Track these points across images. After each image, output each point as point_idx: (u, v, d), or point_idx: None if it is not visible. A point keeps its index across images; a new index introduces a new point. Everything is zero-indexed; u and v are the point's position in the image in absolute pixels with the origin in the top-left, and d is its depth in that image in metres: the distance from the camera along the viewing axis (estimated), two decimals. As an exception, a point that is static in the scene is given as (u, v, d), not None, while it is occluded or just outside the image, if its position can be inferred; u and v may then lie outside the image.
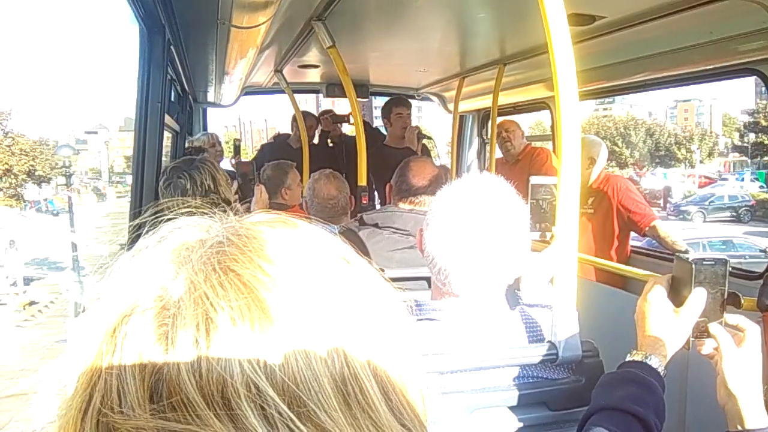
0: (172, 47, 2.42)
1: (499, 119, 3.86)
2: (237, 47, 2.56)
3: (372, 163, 3.12)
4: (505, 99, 3.76)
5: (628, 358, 1.02)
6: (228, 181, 2.33)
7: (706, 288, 1.01)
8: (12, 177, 33.67)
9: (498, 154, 3.97)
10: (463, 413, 1.07)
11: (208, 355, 0.33)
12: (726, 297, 1.03)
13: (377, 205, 3.54)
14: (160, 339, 0.34)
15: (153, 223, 0.43)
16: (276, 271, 0.37)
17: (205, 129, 4.77)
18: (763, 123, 42.56)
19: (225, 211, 0.43)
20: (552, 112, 3.72)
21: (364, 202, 2.88)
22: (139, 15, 2.02)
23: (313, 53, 3.39)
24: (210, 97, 4.51)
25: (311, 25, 2.55)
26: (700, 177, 39.58)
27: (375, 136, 4.35)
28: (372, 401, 0.36)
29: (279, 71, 3.86)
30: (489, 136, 4.08)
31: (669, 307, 1.03)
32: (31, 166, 34.42)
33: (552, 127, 3.82)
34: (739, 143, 50.06)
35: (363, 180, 2.96)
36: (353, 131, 3.45)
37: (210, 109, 4.93)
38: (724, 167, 45.45)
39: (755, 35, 1.99)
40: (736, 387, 0.95)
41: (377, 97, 5.04)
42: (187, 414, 0.32)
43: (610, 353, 1.21)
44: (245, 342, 0.34)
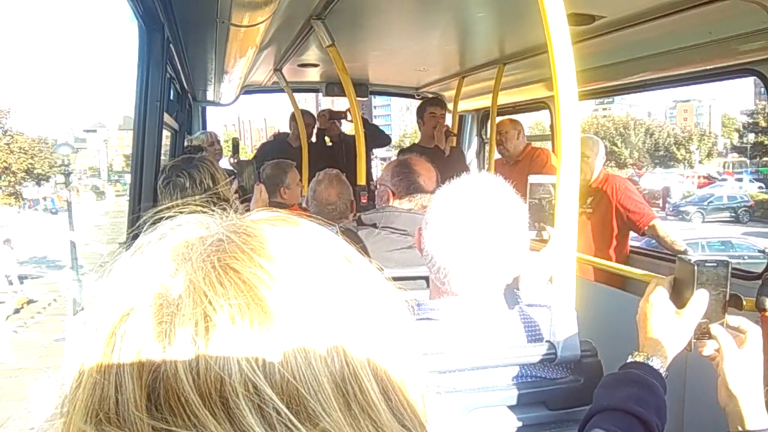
0: (171, 45, 2.42)
1: (499, 119, 3.86)
2: (236, 46, 2.56)
3: None
4: (505, 99, 3.76)
5: (629, 359, 1.02)
6: (227, 180, 2.33)
7: (708, 289, 1.01)
8: (11, 175, 33.62)
9: (497, 154, 3.97)
10: (462, 413, 1.07)
11: (206, 354, 0.33)
12: (728, 298, 1.03)
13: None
14: (158, 337, 0.34)
15: (152, 223, 0.43)
16: (276, 270, 0.37)
17: (204, 128, 4.77)
18: (763, 123, 42.61)
19: (224, 209, 0.42)
20: (551, 111, 3.71)
21: (363, 201, 2.88)
22: (139, 13, 2.01)
23: (313, 52, 3.38)
24: (209, 96, 4.51)
25: (311, 24, 2.55)
26: (699, 177, 39.56)
27: (374, 134, 4.35)
28: (372, 401, 0.35)
29: (278, 70, 3.86)
30: (488, 135, 4.08)
31: (671, 309, 1.03)
32: (30, 164, 34.37)
33: (551, 127, 3.83)
34: (738, 144, 50.11)
35: (362, 179, 2.96)
36: (352, 130, 3.45)
37: (209, 108, 4.92)
38: (723, 168, 45.45)
39: (755, 35, 2.00)
40: (737, 388, 0.95)
41: (376, 96, 5.04)
42: (184, 413, 0.32)
43: (608, 353, 1.21)
44: (244, 341, 0.33)
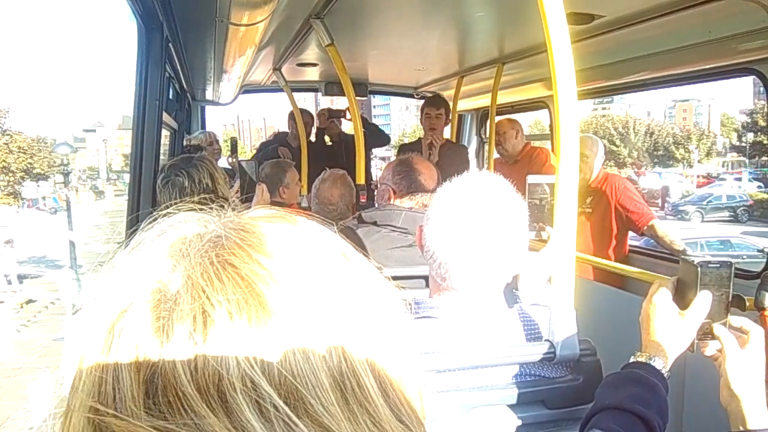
0: (170, 45, 2.42)
1: (498, 118, 3.86)
2: (235, 45, 2.56)
3: None
4: (504, 98, 3.76)
5: (632, 359, 1.02)
6: (226, 180, 2.33)
7: (711, 290, 1.01)
8: (10, 175, 33.61)
9: (497, 153, 3.97)
10: (461, 411, 1.07)
11: (203, 349, 0.33)
12: (731, 299, 1.03)
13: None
14: (156, 332, 0.34)
15: (151, 222, 0.43)
16: (274, 266, 0.37)
17: (204, 127, 4.77)
18: (762, 123, 42.63)
19: (222, 207, 0.42)
20: (550, 111, 3.71)
21: (362, 200, 2.88)
22: (137, 12, 2.01)
23: (312, 51, 3.38)
24: (208, 95, 4.50)
25: (310, 23, 2.55)
26: (697, 176, 39.58)
27: (373, 133, 4.34)
28: (370, 396, 0.35)
29: (278, 69, 3.86)
30: (487, 135, 4.08)
31: (674, 310, 1.03)
32: (29, 163, 34.37)
33: (550, 127, 3.82)
34: (737, 143, 50.12)
35: (361, 178, 2.96)
36: (352, 129, 3.45)
37: (208, 108, 4.92)
38: (722, 167, 45.47)
39: (754, 34, 2.00)
40: (739, 388, 0.95)
41: (376, 96, 5.04)
42: (182, 408, 0.32)
43: (607, 352, 1.21)
44: (242, 336, 0.33)
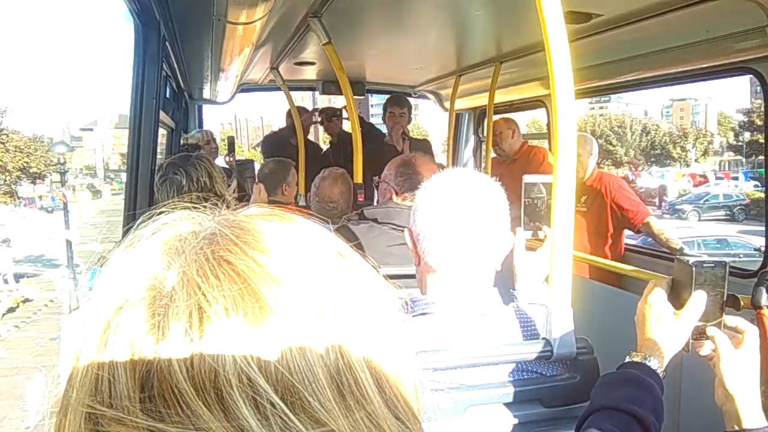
0: (167, 43, 2.41)
1: (496, 117, 3.86)
2: (232, 44, 2.55)
3: (371, 160, 3.12)
4: (502, 97, 3.76)
5: (627, 359, 1.02)
6: (224, 178, 2.33)
7: (706, 290, 1.02)
8: (6, 174, 33.53)
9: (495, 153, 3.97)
10: (458, 410, 1.07)
11: (200, 346, 0.33)
12: (725, 299, 1.03)
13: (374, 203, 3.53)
14: (152, 329, 0.34)
15: (146, 221, 0.43)
16: (270, 263, 0.37)
17: (201, 126, 4.76)
18: (758, 122, 42.69)
19: (217, 205, 0.43)
20: (548, 110, 3.71)
21: (360, 199, 2.88)
22: (134, 11, 2.01)
23: (309, 50, 3.38)
24: (205, 94, 4.49)
25: (307, 22, 2.54)
26: (692, 175, 39.65)
27: (371, 132, 4.34)
28: (366, 393, 0.35)
29: (275, 68, 3.85)
30: (485, 134, 4.08)
31: (669, 310, 1.03)
32: (26, 162, 34.28)
33: (548, 125, 3.82)
34: (734, 142, 50.22)
35: (359, 177, 2.96)
36: (349, 128, 3.44)
37: (206, 106, 4.91)
38: (719, 167, 45.57)
39: (751, 34, 2.00)
40: (734, 388, 0.96)
41: (373, 95, 5.03)
42: (178, 405, 0.32)
43: (604, 350, 1.22)
44: (238, 333, 0.33)
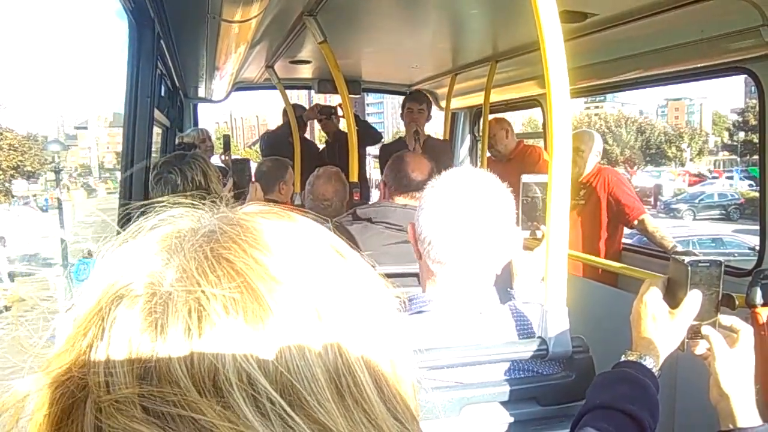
0: (162, 41, 2.40)
1: (492, 116, 3.86)
2: (228, 42, 2.54)
3: (384, 158, 3.11)
4: (497, 96, 3.76)
5: (623, 358, 1.03)
6: (219, 177, 2.32)
7: (701, 289, 1.02)
8: (0, 173, 33.39)
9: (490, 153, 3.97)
10: (453, 408, 1.07)
11: (199, 344, 0.33)
12: (720, 298, 1.03)
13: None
14: (149, 327, 0.34)
15: (140, 215, 0.42)
16: (270, 261, 0.36)
17: (196, 125, 4.74)
18: (753, 122, 42.92)
19: (215, 202, 0.42)
20: (544, 109, 3.72)
21: (355, 198, 2.88)
22: (128, 9, 1.99)
23: (305, 49, 3.37)
24: (201, 93, 4.48)
25: (303, 20, 2.54)
26: (686, 173, 39.81)
27: (364, 130, 4.33)
28: (365, 393, 0.35)
29: (270, 67, 3.84)
30: (481, 133, 4.08)
31: (664, 309, 1.03)
32: (20, 161, 34.15)
33: (543, 125, 3.83)
34: (729, 142, 50.45)
35: (355, 176, 2.96)
36: (345, 127, 3.44)
37: (201, 105, 4.89)
38: (714, 166, 45.76)
39: (746, 33, 2.00)
40: (728, 387, 0.96)
41: (369, 94, 5.03)
42: (178, 404, 0.32)
43: (600, 349, 1.22)
44: (237, 331, 0.33)
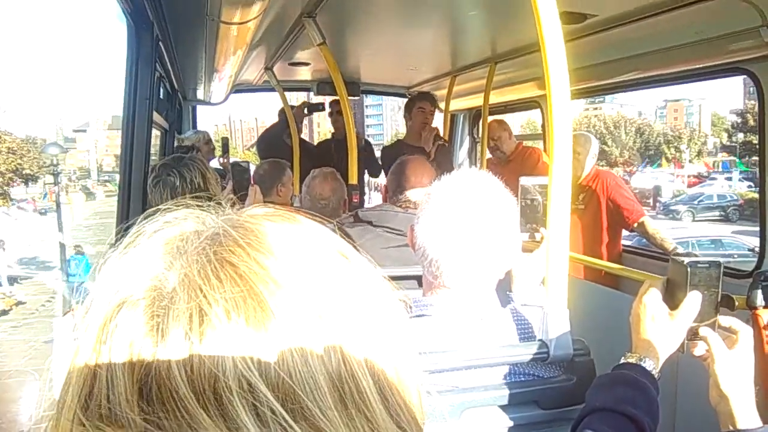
0: (160, 44, 2.40)
1: (491, 118, 3.86)
2: (226, 44, 2.54)
3: (386, 161, 3.08)
4: (497, 98, 3.76)
5: (622, 360, 1.02)
6: (217, 180, 2.32)
7: (700, 290, 1.01)
8: (-1, 176, 33.40)
9: (489, 153, 3.97)
10: (454, 412, 1.07)
11: (199, 349, 0.32)
12: (720, 299, 1.03)
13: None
14: (151, 331, 0.33)
15: (146, 219, 0.42)
16: (274, 265, 0.36)
17: (195, 127, 4.74)
18: (752, 122, 42.98)
19: (220, 205, 0.42)
20: (543, 110, 3.72)
21: (354, 200, 2.87)
22: (127, 11, 1.99)
23: (304, 50, 3.37)
24: (199, 95, 4.48)
25: (301, 22, 2.54)
26: (687, 176, 39.91)
27: (369, 158, 4.31)
28: (368, 401, 0.35)
29: (269, 69, 3.84)
30: (480, 135, 4.07)
31: (664, 310, 1.03)
32: (18, 164, 34.15)
33: (543, 126, 3.82)
34: (728, 143, 50.52)
35: (354, 178, 2.95)
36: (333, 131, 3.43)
37: (200, 107, 4.89)
38: (713, 166, 45.83)
39: (745, 34, 2.00)
40: (728, 388, 0.95)
41: (368, 96, 5.03)
42: (177, 410, 0.31)
43: (601, 351, 1.21)
44: (239, 336, 0.33)
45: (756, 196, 2.23)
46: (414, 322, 1.14)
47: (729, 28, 2.05)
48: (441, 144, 3.79)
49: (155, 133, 3.43)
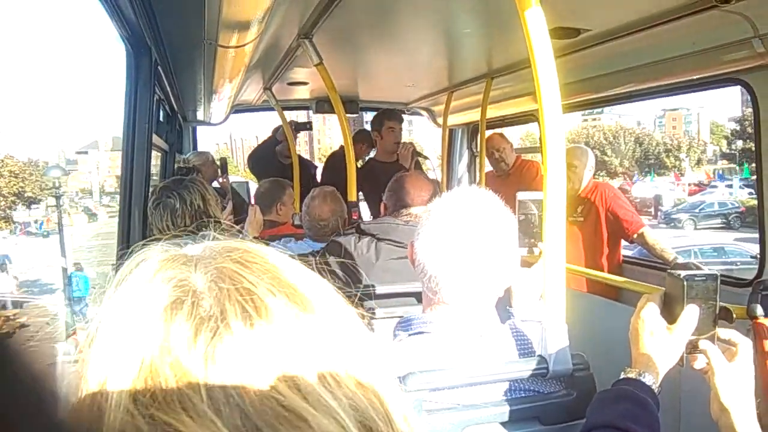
0: (159, 68, 2.42)
1: (489, 132, 3.88)
2: (225, 67, 2.57)
3: (359, 178, 3.10)
4: (494, 112, 3.78)
5: (622, 375, 1.02)
6: (218, 201, 2.33)
7: (698, 303, 1.01)
8: (1, 200, 33.47)
9: (488, 167, 3.99)
10: (455, 430, 1.06)
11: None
12: (718, 312, 1.03)
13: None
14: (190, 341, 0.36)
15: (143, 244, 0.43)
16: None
17: (195, 148, 4.77)
18: (749, 131, 43.01)
19: (219, 223, 0.44)
20: (540, 124, 3.73)
21: (354, 217, 2.88)
22: (125, 36, 2.01)
23: (302, 70, 3.40)
24: (199, 116, 4.50)
25: (298, 43, 2.56)
26: (688, 184, 39.87)
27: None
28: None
29: (268, 89, 3.87)
30: (478, 149, 4.09)
31: (662, 325, 1.03)
32: (21, 188, 34.27)
33: (540, 139, 3.83)
34: (727, 151, 50.58)
35: (353, 195, 2.96)
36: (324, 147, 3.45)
37: (200, 128, 4.92)
38: (713, 174, 45.83)
39: (738, 45, 2.02)
40: (728, 401, 0.95)
41: (368, 112, 5.05)
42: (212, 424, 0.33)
43: (601, 364, 1.21)
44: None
45: (756, 203, 2.23)
46: (413, 339, 1.14)
47: (722, 39, 2.07)
48: (418, 159, 3.93)
49: (156, 155, 3.45)
